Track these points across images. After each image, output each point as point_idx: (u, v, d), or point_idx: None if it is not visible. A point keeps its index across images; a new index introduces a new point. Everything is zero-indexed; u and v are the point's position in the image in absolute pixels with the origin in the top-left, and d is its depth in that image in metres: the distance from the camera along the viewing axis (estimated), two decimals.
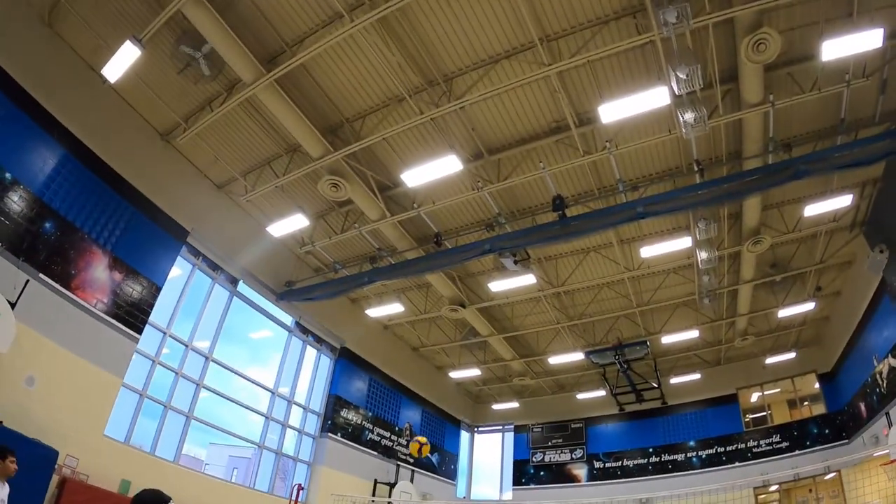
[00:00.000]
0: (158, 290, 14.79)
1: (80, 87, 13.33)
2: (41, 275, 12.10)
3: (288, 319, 19.71)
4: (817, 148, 14.58)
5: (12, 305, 10.95)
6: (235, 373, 17.17)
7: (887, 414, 19.31)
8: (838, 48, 11.70)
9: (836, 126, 14.24)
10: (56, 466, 11.24)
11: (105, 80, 12.77)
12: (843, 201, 16.51)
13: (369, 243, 18.28)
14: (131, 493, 12.30)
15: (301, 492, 14.56)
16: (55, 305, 12.28)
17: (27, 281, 11.63)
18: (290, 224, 16.85)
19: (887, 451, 17.62)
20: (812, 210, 16.64)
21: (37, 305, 11.78)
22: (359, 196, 16.07)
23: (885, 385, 19.34)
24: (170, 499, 3.80)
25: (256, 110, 14.87)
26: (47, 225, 12.43)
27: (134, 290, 14.12)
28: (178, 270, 15.97)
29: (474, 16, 12.62)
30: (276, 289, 18.66)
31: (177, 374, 15.40)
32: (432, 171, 14.66)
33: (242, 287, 17.98)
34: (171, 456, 14.87)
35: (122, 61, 12.10)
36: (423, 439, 16.80)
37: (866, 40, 11.54)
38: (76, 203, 13.08)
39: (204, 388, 16.02)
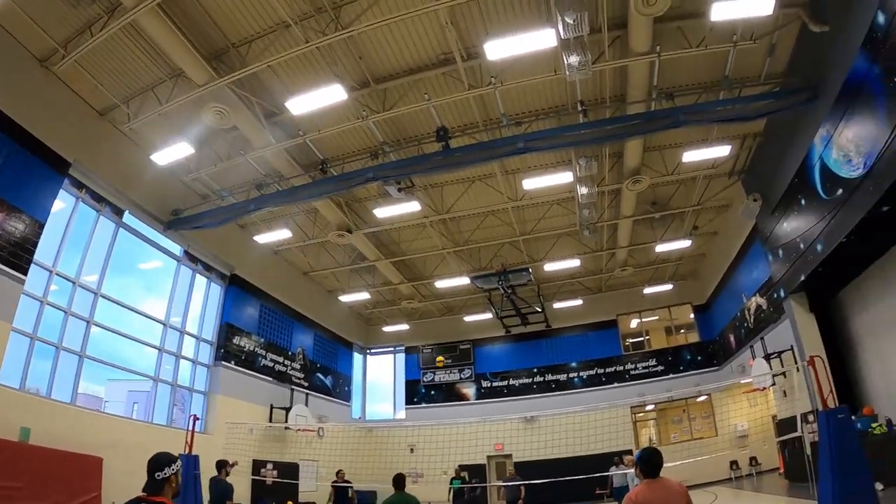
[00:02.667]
0: (42, 226, 13.55)
1: None
2: None
3: (176, 249, 18.74)
4: (700, 100, 14.81)
5: None
6: (125, 307, 16.28)
7: (752, 347, 20.68)
8: (728, 10, 11.74)
9: (720, 81, 14.44)
10: None
11: None
12: (722, 151, 17.00)
13: (256, 170, 17.55)
14: (32, 440, 11.97)
15: (197, 422, 14.25)
16: None
17: None
18: (175, 152, 15.89)
19: (751, 380, 18.86)
20: (691, 156, 17.03)
21: None
22: (244, 123, 15.31)
23: (752, 320, 20.63)
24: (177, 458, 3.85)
25: (139, 34, 13.44)
26: None
27: (16, 228, 12.88)
28: (62, 204, 14.69)
29: None
30: (162, 218, 17.61)
31: (66, 312, 14.39)
32: (318, 100, 14.02)
33: (128, 218, 16.83)
34: (67, 397, 14.08)
35: None
36: None
37: (757, 5, 11.62)
38: None
39: (95, 324, 15.08)
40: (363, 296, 26.73)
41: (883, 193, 10.81)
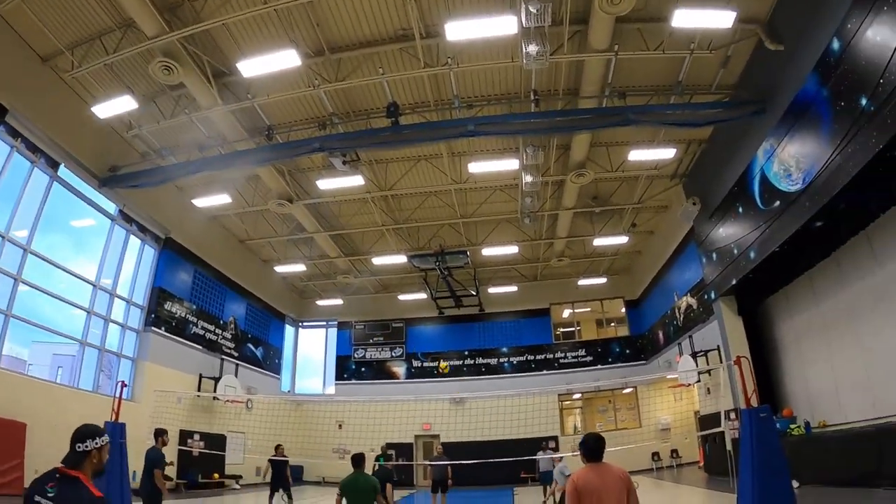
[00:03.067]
0: None
1: None
2: None
3: (111, 207, 17.90)
4: (651, 102, 15.10)
5: None
6: (54, 265, 15.43)
7: (680, 344, 21.32)
8: (690, 18, 12.08)
9: (672, 86, 14.76)
10: None
11: None
12: (667, 153, 17.47)
13: (200, 131, 16.98)
14: None
15: (124, 389, 13.79)
16: None
17: None
18: (118, 106, 15.13)
19: (677, 375, 19.41)
20: (636, 155, 17.43)
21: None
22: (192, 81, 14.68)
23: (681, 319, 21.22)
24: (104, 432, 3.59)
25: None
26: None
27: None
28: None
29: None
30: (99, 174, 16.81)
31: None
32: (270, 64, 13.65)
33: (64, 172, 16.01)
34: None
35: None
36: None
37: (718, 18, 12.08)
38: None
39: (23, 282, 14.24)
40: (299, 267, 26.34)
41: (818, 209, 11.29)
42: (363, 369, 29.82)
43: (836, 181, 10.52)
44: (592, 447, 4.67)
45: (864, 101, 9.58)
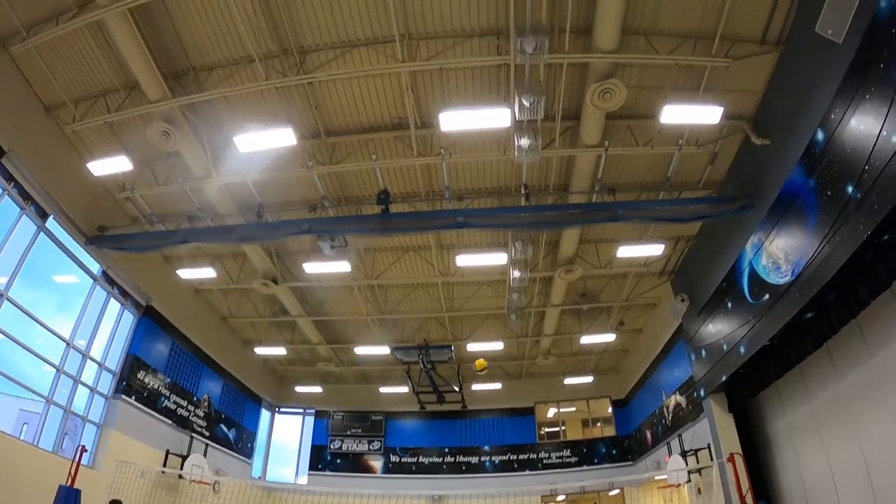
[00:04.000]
0: None
1: None
2: None
3: (95, 267, 17.74)
4: (640, 198, 15.30)
5: None
6: (31, 316, 14.83)
7: (668, 444, 20.77)
8: (678, 114, 12.48)
9: (661, 182, 15.00)
10: None
11: None
12: (656, 250, 17.57)
13: (191, 201, 16.98)
14: None
15: (84, 454, 13.25)
16: None
17: None
18: (113, 165, 15.32)
19: (666, 475, 18.82)
20: (625, 252, 17.55)
21: None
22: (188, 149, 14.92)
23: (670, 418, 20.76)
24: None
25: (104, 37, 13.18)
26: None
27: None
28: None
29: None
30: (87, 231, 16.78)
31: None
32: (267, 140, 13.85)
33: (52, 223, 15.98)
34: None
35: None
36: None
37: (705, 114, 12.45)
38: None
39: None
40: (280, 351, 25.83)
41: (808, 301, 11.16)
42: (339, 461, 28.75)
43: (826, 271, 10.46)
44: None
45: (850, 189, 9.63)
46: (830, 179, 10.39)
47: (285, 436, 30.41)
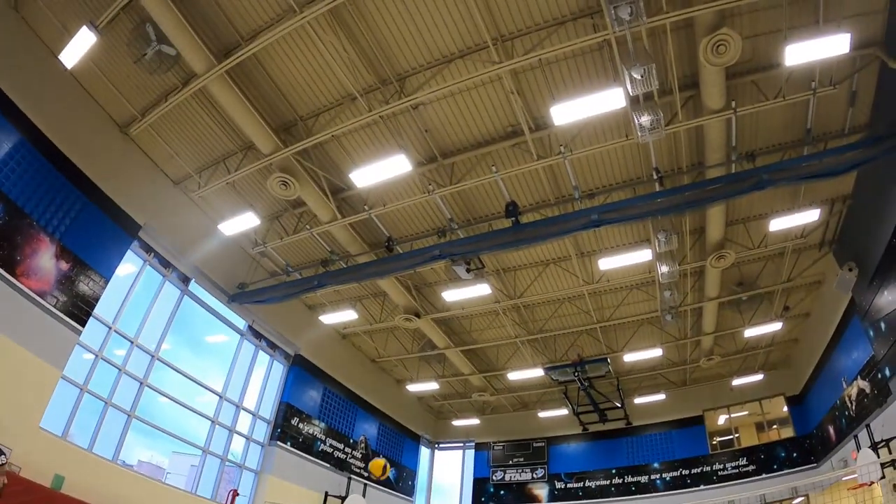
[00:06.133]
0: (106, 282, 14.08)
1: (41, 73, 13.05)
2: None
3: (241, 323, 18.82)
4: (784, 159, 14.06)
5: None
6: (179, 372, 16.25)
7: (856, 437, 18.66)
8: (803, 52, 11.28)
9: (802, 139, 13.78)
10: None
11: (63, 66, 12.63)
12: (811, 216, 15.96)
13: (322, 246, 17.56)
14: (64, 489, 11.93)
15: (237, 497, 13.64)
16: None
17: None
18: (242, 222, 16.22)
19: (855, 474, 17.00)
20: (778, 224, 16.07)
21: None
22: (309, 196, 15.45)
23: (853, 408, 18.74)
24: None
25: (212, 105, 14.24)
26: None
27: (80, 281, 13.46)
28: (132, 267, 15.32)
29: (428, 13, 12.11)
30: (228, 290, 17.83)
31: (120, 370, 14.48)
32: (382, 171, 14.04)
33: (194, 286, 17.16)
34: (110, 454, 14.04)
35: (78, 47, 11.97)
36: (380, 462, 17.99)
37: (832, 45, 11.15)
38: (27, 189, 12.53)
39: (148, 387, 15.10)
40: (432, 386, 25.84)
41: None
42: (502, 492, 28.06)
43: None
44: None
45: None
46: None
47: (447, 472, 30.31)
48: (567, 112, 12.46)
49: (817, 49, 11.17)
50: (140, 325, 15.24)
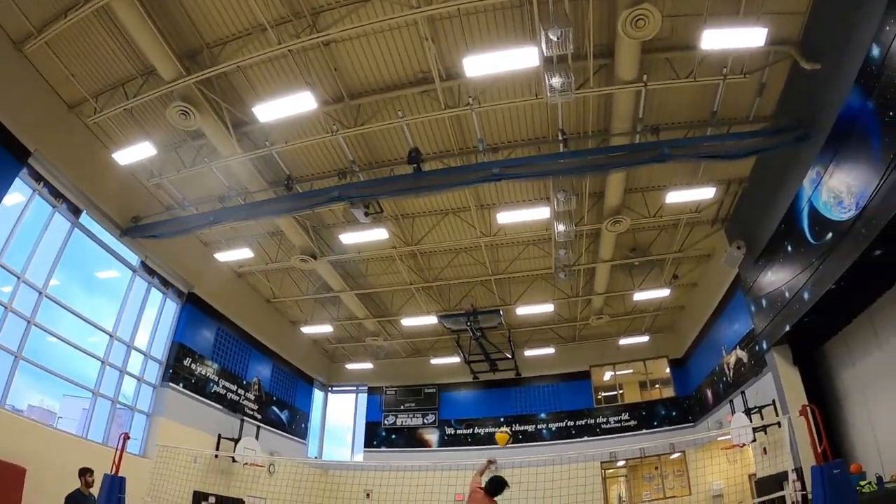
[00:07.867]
0: None
1: None
2: None
3: (133, 259, 17.75)
4: (687, 136, 14.36)
5: None
6: (69, 310, 15.10)
7: (731, 402, 19.83)
8: (719, 39, 11.56)
9: (707, 120, 14.06)
10: None
11: None
12: (707, 193, 16.44)
13: (220, 181, 16.74)
14: None
15: (130, 442, 13.09)
16: None
17: None
18: (138, 152, 15.18)
19: (729, 435, 17.96)
20: (675, 198, 16.46)
21: None
22: (210, 127, 14.59)
23: (731, 375, 19.79)
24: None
25: (115, 24, 12.93)
26: None
27: None
28: (20, 196, 13.93)
29: None
30: (121, 223, 16.75)
31: (6, 308, 13.13)
32: (286, 107, 13.41)
33: (85, 219, 15.94)
34: None
35: None
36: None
37: (749, 37, 11.50)
38: None
39: (35, 325, 13.87)
40: (327, 329, 25.53)
41: (876, 235, 10.13)
42: (393, 436, 28.50)
43: (894, 199, 9.44)
44: None
45: None
46: (892, 98, 9.44)
47: (339, 414, 30.39)
48: (480, 64, 12.22)
49: (734, 38, 11.47)
50: (27, 260, 13.92)
